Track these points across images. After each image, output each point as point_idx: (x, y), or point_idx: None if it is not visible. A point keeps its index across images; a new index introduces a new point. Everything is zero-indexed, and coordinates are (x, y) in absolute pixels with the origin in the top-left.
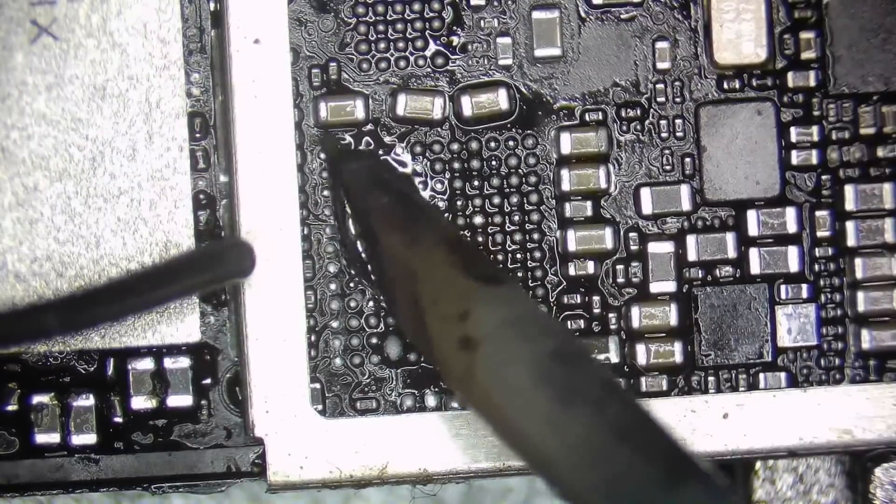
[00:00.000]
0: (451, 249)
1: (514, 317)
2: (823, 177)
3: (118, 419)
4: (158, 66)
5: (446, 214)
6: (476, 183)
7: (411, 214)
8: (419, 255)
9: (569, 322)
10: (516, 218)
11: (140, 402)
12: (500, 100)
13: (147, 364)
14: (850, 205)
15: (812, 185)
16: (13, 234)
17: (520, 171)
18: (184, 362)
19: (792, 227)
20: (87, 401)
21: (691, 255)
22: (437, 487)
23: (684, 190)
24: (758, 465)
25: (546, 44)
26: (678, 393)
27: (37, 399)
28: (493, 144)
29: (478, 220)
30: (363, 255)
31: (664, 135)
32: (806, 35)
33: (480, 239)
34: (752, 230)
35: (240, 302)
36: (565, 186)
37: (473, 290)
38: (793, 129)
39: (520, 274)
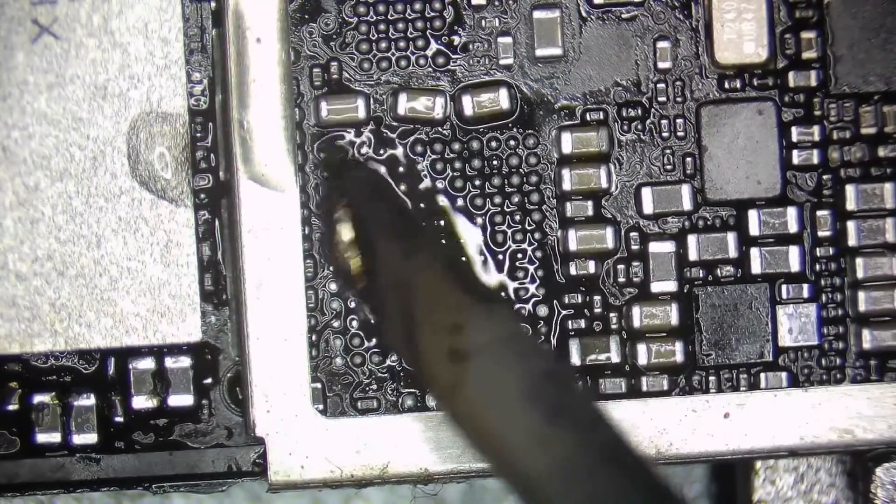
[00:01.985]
0: (449, 266)
1: (506, 335)
2: (824, 176)
3: (119, 419)
4: (159, 65)
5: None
6: (477, 182)
7: (411, 228)
8: (417, 267)
9: (570, 321)
10: (517, 217)
11: (141, 402)
12: (501, 99)
13: (148, 363)
14: (851, 204)
15: (813, 185)
16: (14, 233)
17: (521, 170)
18: (185, 362)
19: (793, 227)
20: (87, 400)
21: (692, 255)
22: (438, 487)
23: (685, 189)
24: (758, 464)
25: (547, 43)
26: (679, 393)
27: (38, 398)
28: (494, 144)
29: (479, 220)
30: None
31: (665, 134)
32: (807, 35)
33: (480, 241)
34: (753, 230)
35: (241, 301)
36: (566, 186)
37: (468, 305)
38: (794, 129)
39: (520, 273)
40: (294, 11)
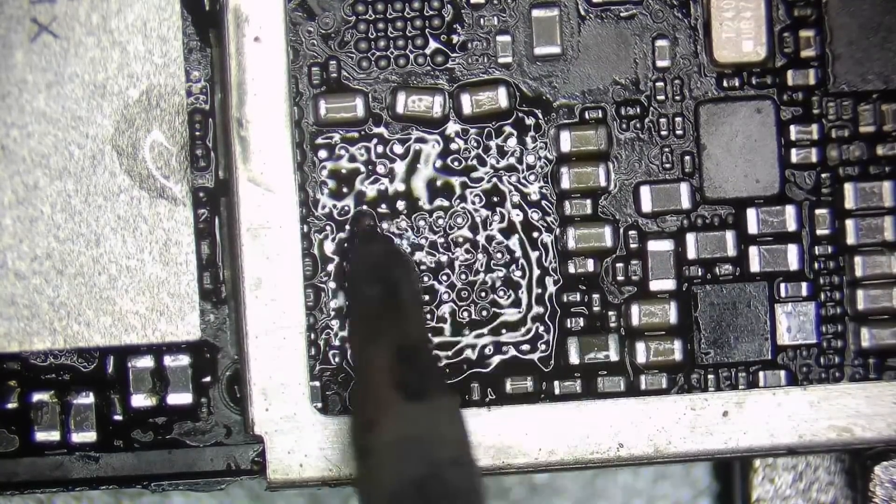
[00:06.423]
0: (400, 357)
1: (404, 438)
2: (823, 175)
3: (118, 417)
4: (158, 63)
5: (426, 305)
6: (476, 181)
7: (386, 313)
8: (370, 353)
9: (568, 320)
10: (516, 216)
11: (140, 400)
12: (500, 98)
13: (147, 362)
14: (849, 203)
15: (812, 184)
16: (13, 232)
17: (519, 169)
18: (184, 360)
19: (791, 226)
20: (87, 399)
21: (691, 254)
22: None
23: (684, 188)
24: (757, 463)
25: (546, 42)
26: (678, 391)
27: (37, 397)
28: (492, 142)
29: (477, 218)
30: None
31: (664, 133)
32: (805, 33)
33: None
34: (752, 228)
35: (240, 300)
36: (565, 184)
37: (390, 402)
38: (792, 128)
39: (518, 273)
40: (293, 10)
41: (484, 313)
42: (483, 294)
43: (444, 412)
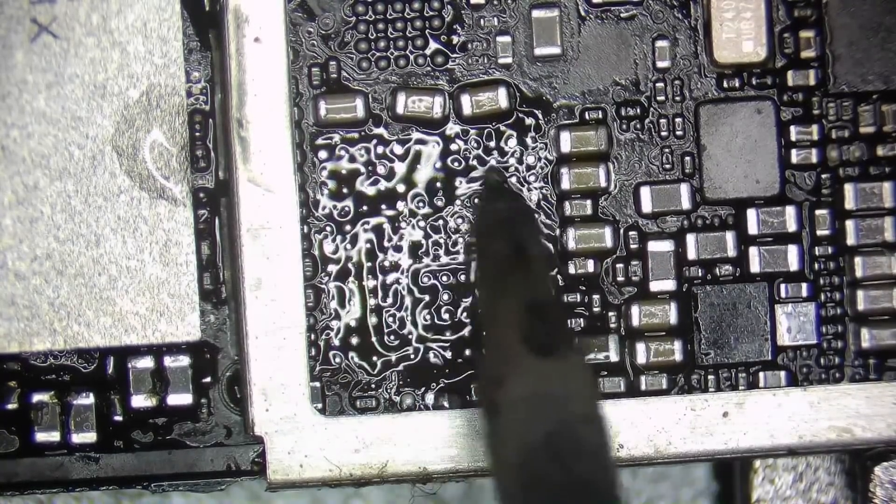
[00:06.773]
0: (528, 312)
1: (534, 394)
2: (823, 175)
3: (118, 417)
4: (158, 64)
5: (553, 270)
6: (475, 181)
7: (515, 269)
8: (499, 309)
9: (569, 320)
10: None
11: (140, 401)
12: (500, 98)
13: (147, 362)
14: (849, 203)
15: (812, 184)
16: (13, 232)
17: (519, 169)
18: (184, 361)
19: (792, 226)
20: (87, 399)
21: (691, 254)
22: (437, 486)
23: (684, 188)
24: (757, 463)
25: (546, 42)
26: (678, 391)
27: (37, 397)
28: (492, 143)
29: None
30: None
31: (664, 133)
32: (806, 34)
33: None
34: (752, 229)
35: (240, 300)
36: (565, 185)
37: (518, 358)
38: (792, 128)
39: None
40: (293, 11)
41: None
42: None
43: (573, 368)
